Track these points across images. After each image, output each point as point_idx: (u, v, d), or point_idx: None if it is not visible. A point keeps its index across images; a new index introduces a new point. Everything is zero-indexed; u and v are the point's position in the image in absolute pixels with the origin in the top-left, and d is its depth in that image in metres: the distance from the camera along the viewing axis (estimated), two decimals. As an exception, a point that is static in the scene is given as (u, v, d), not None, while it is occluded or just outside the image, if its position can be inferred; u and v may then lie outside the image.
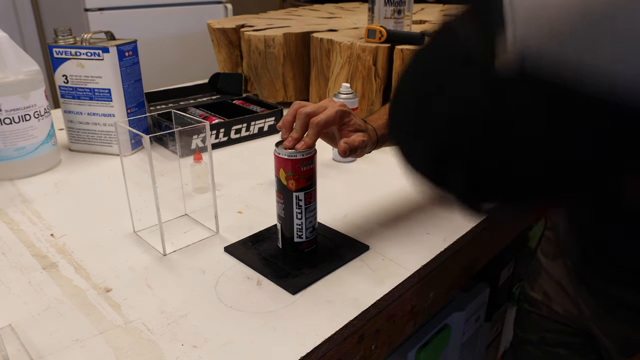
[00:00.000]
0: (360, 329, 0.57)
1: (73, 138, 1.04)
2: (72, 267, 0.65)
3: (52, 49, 0.97)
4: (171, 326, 0.54)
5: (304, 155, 0.61)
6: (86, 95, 0.99)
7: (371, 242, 0.69)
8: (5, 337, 0.51)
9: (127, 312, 0.56)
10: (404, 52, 1.07)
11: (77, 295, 0.59)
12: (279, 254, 0.67)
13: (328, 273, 0.63)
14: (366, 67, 1.11)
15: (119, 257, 0.67)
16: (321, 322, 0.55)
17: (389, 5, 1.19)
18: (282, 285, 0.60)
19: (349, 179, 0.91)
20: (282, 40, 1.25)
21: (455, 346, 0.84)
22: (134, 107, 1.03)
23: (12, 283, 0.61)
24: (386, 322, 0.61)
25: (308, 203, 0.63)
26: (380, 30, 1.11)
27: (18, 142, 0.90)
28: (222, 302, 0.58)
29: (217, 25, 1.43)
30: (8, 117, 0.88)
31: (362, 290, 0.60)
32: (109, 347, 0.51)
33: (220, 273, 0.63)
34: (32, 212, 0.79)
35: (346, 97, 0.95)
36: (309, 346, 0.51)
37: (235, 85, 1.36)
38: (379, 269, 0.64)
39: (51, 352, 0.50)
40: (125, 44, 0.98)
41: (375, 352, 0.61)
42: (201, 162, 0.85)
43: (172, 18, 2.16)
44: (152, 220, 0.70)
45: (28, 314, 0.56)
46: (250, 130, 1.12)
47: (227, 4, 2.30)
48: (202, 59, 2.05)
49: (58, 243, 0.70)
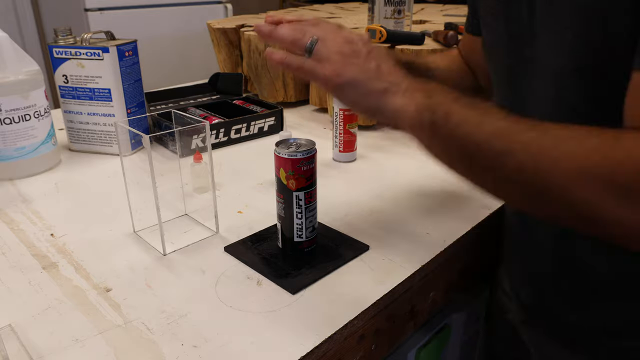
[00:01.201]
0: (360, 329, 0.57)
1: (73, 138, 1.04)
2: (72, 267, 0.65)
3: (52, 49, 0.97)
4: (171, 326, 0.54)
5: (304, 155, 0.61)
6: (86, 95, 0.99)
7: (371, 242, 0.69)
8: (5, 337, 0.51)
9: (127, 312, 0.56)
10: (404, 52, 1.07)
11: (77, 295, 0.59)
12: (279, 253, 0.67)
13: (328, 273, 0.63)
14: (366, 67, 1.11)
15: (119, 257, 0.67)
16: (321, 322, 0.55)
17: (389, 5, 1.19)
18: (282, 285, 0.60)
19: (349, 179, 0.91)
20: (282, 40, 1.25)
21: (455, 346, 0.84)
22: (134, 107, 1.03)
23: (12, 283, 0.61)
24: (386, 322, 0.61)
25: (308, 203, 0.63)
26: (380, 30, 1.11)
27: (18, 142, 0.90)
28: (222, 302, 0.58)
29: (217, 25, 1.43)
30: (8, 117, 0.88)
31: (362, 290, 0.60)
32: (109, 347, 0.51)
33: (220, 273, 0.63)
34: (32, 212, 0.79)
35: (346, 97, 0.95)
36: (309, 346, 0.51)
37: (235, 85, 1.36)
38: (379, 269, 0.64)
39: (51, 352, 0.50)
40: (125, 44, 0.98)
41: (375, 352, 0.61)
42: (201, 162, 0.85)
43: (172, 18, 2.16)
44: (152, 220, 0.70)
45: (28, 314, 0.56)
46: (250, 130, 1.12)
47: (227, 4, 2.30)
48: (202, 59, 2.05)
49: (58, 243, 0.70)
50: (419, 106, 0.44)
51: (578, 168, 0.38)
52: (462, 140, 0.43)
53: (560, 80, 0.49)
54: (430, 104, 0.44)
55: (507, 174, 0.42)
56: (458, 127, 0.43)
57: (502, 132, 0.41)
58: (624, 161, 0.36)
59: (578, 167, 0.38)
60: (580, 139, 0.39)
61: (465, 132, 0.42)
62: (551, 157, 0.39)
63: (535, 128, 0.41)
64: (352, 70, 0.46)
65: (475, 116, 0.42)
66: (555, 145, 0.39)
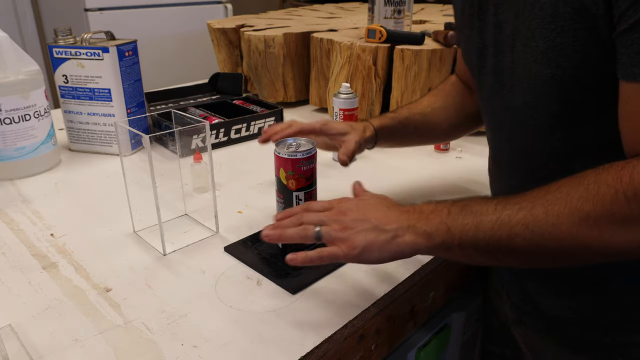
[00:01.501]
0: (360, 329, 0.57)
1: (73, 138, 1.04)
2: (72, 267, 0.65)
3: (52, 49, 0.97)
4: (171, 326, 0.54)
5: (304, 155, 0.61)
6: (86, 95, 0.99)
7: (371, 242, 0.69)
8: (5, 337, 0.51)
9: (127, 312, 0.56)
10: (404, 52, 1.07)
11: (77, 295, 0.59)
12: (279, 253, 0.67)
13: (328, 273, 0.63)
14: (366, 67, 1.11)
15: (119, 257, 0.67)
16: (321, 322, 0.55)
17: (389, 5, 1.19)
18: (282, 285, 0.60)
19: (349, 179, 0.91)
20: (282, 40, 1.25)
21: (455, 346, 0.84)
22: (134, 107, 1.03)
23: (12, 283, 0.61)
24: (386, 322, 0.60)
25: (308, 203, 0.63)
26: (380, 30, 1.11)
27: (18, 142, 0.90)
28: (222, 302, 0.58)
29: (217, 25, 1.43)
30: (8, 117, 0.88)
31: (362, 290, 0.60)
32: (109, 347, 0.51)
33: (220, 273, 0.63)
34: (32, 212, 0.79)
35: (346, 97, 0.95)
36: (308, 346, 0.51)
37: (235, 85, 1.36)
38: (379, 268, 0.64)
39: (51, 352, 0.50)
40: (125, 44, 0.98)
41: (375, 352, 0.61)
42: (201, 162, 0.85)
43: (172, 18, 2.16)
44: (152, 220, 0.70)
45: (28, 314, 0.56)
46: (250, 130, 1.12)
47: (227, 4, 2.30)
48: (202, 59, 2.05)
49: (58, 243, 0.70)
50: (425, 237, 0.50)
51: (577, 222, 0.43)
52: (472, 248, 0.48)
53: (535, 87, 0.51)
54: (430, 232, 0.49)
55: (522, 256, 0.47)
56: (463, 240, 0.48)
57: (499, 225, 0.46)
58: (613, 198, 0.41)
59: (576, 221, 0.43)
60: (566, 197, 0.44)
61: (472, 242, 0.48)
62: (548, 224, 0.44)
63: (522, 205, 0.46)
64: (360, 238, 0.51)
65: (471, 224, 0.47)
66: (546, 213, 0.44)
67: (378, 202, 0.55)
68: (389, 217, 0.52)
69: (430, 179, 0.89)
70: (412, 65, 1.07)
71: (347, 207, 0.54)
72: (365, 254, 0.51)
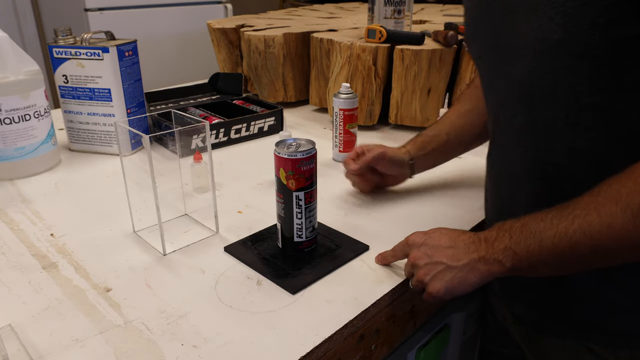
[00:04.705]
0: (360, 329, 0.57)
1: (73, 138, 1.04)
2: (72, 267, 0.65)
3: (52, 49, 0.97)
4: (171, 326, 0.54)
5: (304, 155, 0.61)
6: (86, 95, 0.99)
7: (371, 242, 0.69)
8: (5, 337, 0.51)
9: (127, 312, 0.56)
10: (404, 52, 1.07)
11: (77, 295, 0.59)
12: (278, 253, 0.67)
13: (328, 273, 0.63)
14: (366, 67, 1.11)
15: (119, 257, 0.67)
16: (321, 322, 0.55)
17: (389, 5, 1.19)
18: (282, 285, 0.60)
19: (349, 179, 0.91)
20: (282, 40, 1.25)
21: (455, 346, 0.84)
22: (134, 107, 1.03)
23: (12, 283, 0.61)
24: (386, 322, 0.60)
25: (308, 203, 0.63)
26: (380, 30, 1.11)
27: (18, 142, 0.90)
28: (222, 302, 0.58)
29: (217, 25, 1.43)
30: (8, 117, 0.88)
31: (362, 290, 0.60)
32: (109, 347, 0.51)
33: (220, 273, 0.63)
34: (32, 212, 0.79)
35: (346, 97, 0.95)
36: (308, 346, 0.51)
37: (235, 85, 1.36)
38: (379, 269, 0.64)
39: (51, 352, 0.50)
40: (125, 44, 0.98)
41: (375, 352, 0.61)
42: (201, 162, 0.85)
43: (172, 18, 2.16)
44: (152, 220, 0.70)
45: (28, 314, 0.56)
46: (250, 130, 1.12)
47: (227, 4, 2.30)
48: (202, 59, 2.05)
49: (58, 243, 0.70)
50: (497, 265, 0.52)
51: (631, 217, 0.43)
52: (541, 265, 0.50)
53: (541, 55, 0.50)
54: (500, 260, 0.51)
55: (591, 261, 0.48)
56: (531, 260, 0.50)
57: (560, 239, 0.47)
58: None
59: (630, 217, 0.43)
60: (616, 195, 0.44)
61: (539, 260, 0.49)
62: (604, 226, 0.44)
63: (576, 214, 0.46)
64: (439, 284, 0.55)
65: (534, 244, 0.49)
66: (600, 215, 0.45)
67: (441, 236, 0.57)
68: (458, 254, 0.54)
69: (430, 179, 0.89)
70: (412, 65, 1.07)
71: (416, 256, 0.58)
72: (450, 293, 0.54)
